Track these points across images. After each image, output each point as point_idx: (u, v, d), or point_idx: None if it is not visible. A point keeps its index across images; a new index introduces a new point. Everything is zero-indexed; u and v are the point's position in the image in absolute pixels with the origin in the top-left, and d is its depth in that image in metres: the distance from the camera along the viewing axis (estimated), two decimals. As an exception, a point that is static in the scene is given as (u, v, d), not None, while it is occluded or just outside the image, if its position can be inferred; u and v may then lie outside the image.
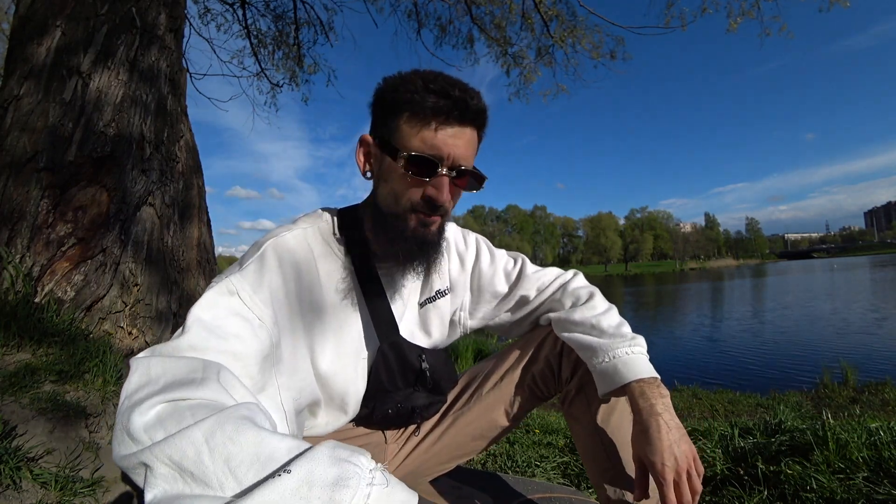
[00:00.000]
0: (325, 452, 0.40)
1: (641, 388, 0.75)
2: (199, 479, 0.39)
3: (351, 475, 0.39)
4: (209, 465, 0.39)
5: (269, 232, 0.76)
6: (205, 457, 0.39)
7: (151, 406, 0.44)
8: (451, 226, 0.96)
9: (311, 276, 0.74)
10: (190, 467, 0.39)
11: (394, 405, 0.86)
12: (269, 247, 0.70)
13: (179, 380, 0.48)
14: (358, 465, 0.40)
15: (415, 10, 5.86)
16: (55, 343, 1.56)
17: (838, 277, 28.31)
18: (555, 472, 1.78)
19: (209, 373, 0.50)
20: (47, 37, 2.04)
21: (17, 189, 1.84)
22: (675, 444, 0.70)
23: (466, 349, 5.49)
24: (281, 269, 0.69)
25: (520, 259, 0.99)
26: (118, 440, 0.44)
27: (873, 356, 6.26)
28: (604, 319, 0.83)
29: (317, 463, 0.39)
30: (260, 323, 0.62)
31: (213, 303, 0.61)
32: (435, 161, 0.70)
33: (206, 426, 0.41)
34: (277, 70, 6.12)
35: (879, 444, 1.48)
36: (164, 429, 0.42)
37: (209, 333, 0.57)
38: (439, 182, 0.71)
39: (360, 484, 0.39)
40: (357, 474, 0.39)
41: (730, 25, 4.68)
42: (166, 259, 2.20)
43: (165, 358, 0.51)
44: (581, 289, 0.92)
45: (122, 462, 0.43)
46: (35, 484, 1.06)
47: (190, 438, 0.40)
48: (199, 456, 0.40)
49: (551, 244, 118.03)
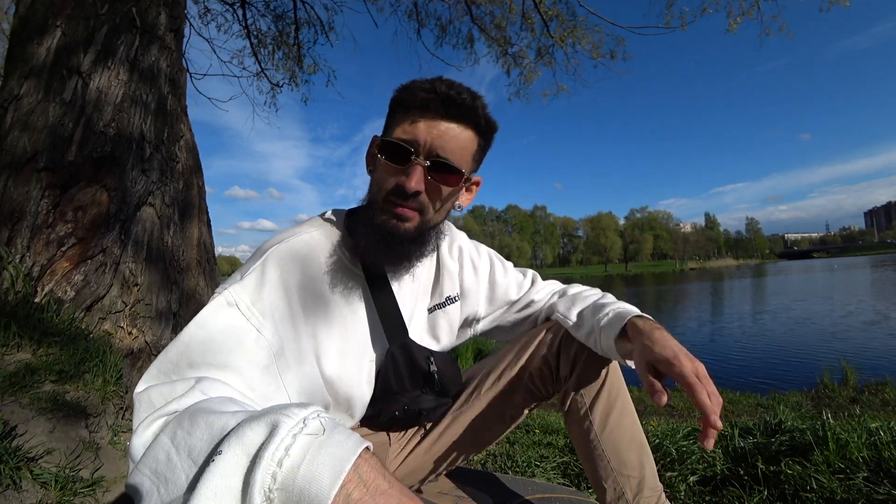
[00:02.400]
0: (264, 411, 0.39)
1: (643, 320, 0.80)
2: (172, 481, 0.40)
3: (280, 426, 0.37)
4: (178, 464, 0.40)
5: (274, 236, 0.75)
6: (173, 457, 0.41)
7: (145, 428, 0.47)
8: (462, 235, 0.98)
9: (316, 280, 0.74)
10: (164, 472, 0.41)
11: (401, 407, 0.86)
12: (271, 254, 0.70)
13: (172, 402, 0.50)
14: (289, 416, 0.38)
15: (415, 10, 5.86)
16: (55, 343, 1.56)
17: (838, 277, 28.30)
18: (555, 472, 1.78)
19: (196, 388, 0.52)
20: (47, 37, 2.04)
21: (17, 189, 1.84)
22: (683, 355, 0.71)
23: (466, 349, 5.49)
24: (283, 277, 0.69)
25: (529, 273, 1.05)
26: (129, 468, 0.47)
27: (873, 356, 6.26)
28: (606, 297, 0.93)
29: (249, 426, 0.37)
30: (258, 335, 0.63)
31: (211, 318, 0.61)
32: (408, 148, 0.70)
33: (169, 429, 0.44)
34: (277, 70, 6.13)
35: (879, 444, 1.48)
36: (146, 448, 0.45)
37: (205, 350, 0.58)
38: (409, 169, 0.70)
39: (282, 434, 0.36)
40: (284, 423, 0.37)
41: (730, 25, 4.69)
42: (166, 259, 2.20)
43: (162, 386, 0.54)
44: (588, 288, 1.00)
45: (129, 491, 0.44)
46: (35, 484, 1.06)
47: (160, 445, 0.43)
48: (168, 458, 0.41)
49: (551, 244, 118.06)
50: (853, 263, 55.54)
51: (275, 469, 0.35)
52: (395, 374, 0.82)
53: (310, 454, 0.36)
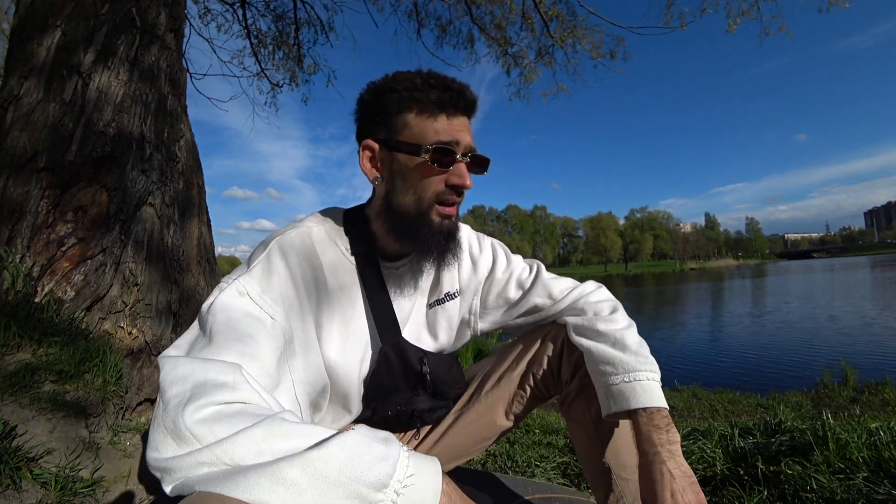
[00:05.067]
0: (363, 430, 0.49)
1: (649, 431, 0.73)
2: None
3: (391, 440, 0.49)
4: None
5: (275, 231, 0.77)
6: (265, 453, 0.45)
7: (199, 409, 0.48)
8: (465, 228, 0.95)
9: (317, 272, 0.75)
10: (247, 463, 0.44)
11: (394, 407, 0.85)
12: (274, 245, 0.72)
13: (211, 382, 0.51)
14: (391, 439, 0.50)
15: (415, 10, 5.86)
16: (55, 343, 1.56)
17: (838, 277, 28.30)
18: (555, 472, 1.78)
19: (237, 377, 0.53)
20: (47, 36, 2.04)
21: (17, 189, 1.84)
22: (679, 493, 0.68)
23: (467, 349, 5.48)
24: (288, 267, 0.71)
25: (535, 266, 0.97)
26: (163, 443, 0.46)
27: (873, 356, 6.26)
28: (627, 335, 0.80)
29: (360, 432, 0.48)
30: (273, 321, 0.65)
31: (226, 305, 0.63)
32: (453, 149, 0.72)
33: (261, 426, 0.47)
34: (277, 70, 6.13)
35: (879, 444, 1.48)
36: (213, 433, 0.46)
37: (226, 335, 0.59)
38: (460, 168, 0.74)
39: (398, 446, 0.48)
40: (394, 440, 0.49)
41: (729, 26, 4.68)
42: (166, 258, 2.20)
43: (192, 360, 0.55)
44: (604, 301, 0.89)
45: (166, 464, 0.45)
46: (35, 484, 1.06)
47: (249, 437, 0.45)
48: (258, 455, 0.45)
49: (551, 244, 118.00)
50: (853, 263, 55.52)
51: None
52: (387, 373, 0.82)
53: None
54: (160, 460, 0.46)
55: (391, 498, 0.44)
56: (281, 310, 0.67)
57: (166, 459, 0.45)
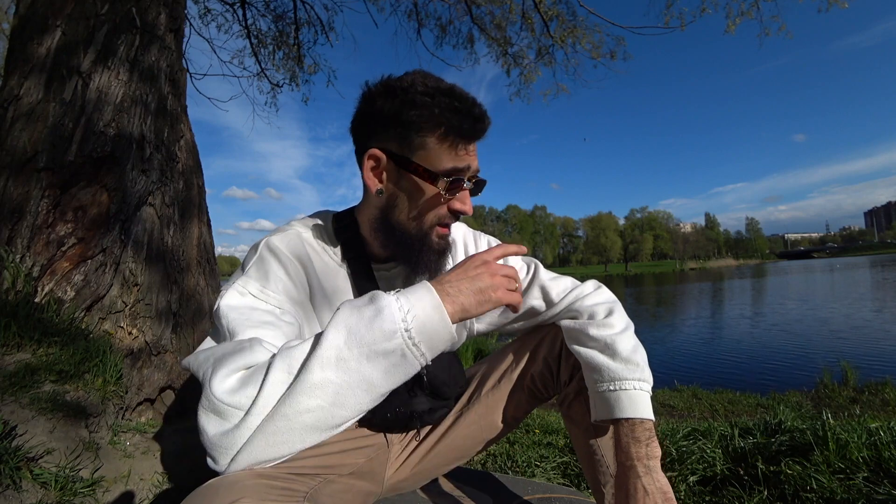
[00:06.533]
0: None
1: (628, 443, 0.73)
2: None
3: (375, 294, 0.57)
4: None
5: (266, 234, 0.78)
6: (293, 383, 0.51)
7: (224, 378, 0.52)
8: (461, 226, 0.95)
9: (309, 274, 0.76)
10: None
11: (392, 409, 0.85)
12: (264, 247, 0.74)
13: (230, 351, 0.56)
14: (376, 293, 0.57)
15: (415, 10, 5.86)
16: (55, 343, 1.56)
17: (838, 277, 28.28)
18: (555, 472, 1.78)
19: (255, 344, 0.57)
20: (47, 36, 2.04)
21: (17, 189, 1.84)
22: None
23: (466, 349, 5.49)
24: (282, 265, 0.73)
25: (532, 265, 0.94)
26: (206, 422, 0.50)
27: (873, 356, 6.26)
28: (619, 340, 0.77)
29: (345, 308, 0.56)
30: (281, 310, 0.67)
31: (232, 305, 0.65)
32: (463, 177, 0.73)
33: (276, 365, 0.52)
34: (277, 70, 6.11)
35: (879, 444, 1.48)
36: (247, 395, 0.50)
37: (242, 325, 0.61)
38: (464, 195, 0.75)
39: (383, 295, 0.56)
40: (378, 293, 0.57)
41: (728, 26, 4.68)
42: (166, 259, 2.19)
43: (215, 347, 0.59)
44: (601, 304, 0.85)
45: (218, 440, 0.49)
46: (35, 484, 1.06)
47: (273, 381, 0.50)
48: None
49: (551, 244, 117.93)
50: (853, 263, 55.50)
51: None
52: None
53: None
54: (208, 437, 0.49)
55: (402, 337, 0.52)
56: (285, 299, 0.70)
57: (213, 436, 0.49)
